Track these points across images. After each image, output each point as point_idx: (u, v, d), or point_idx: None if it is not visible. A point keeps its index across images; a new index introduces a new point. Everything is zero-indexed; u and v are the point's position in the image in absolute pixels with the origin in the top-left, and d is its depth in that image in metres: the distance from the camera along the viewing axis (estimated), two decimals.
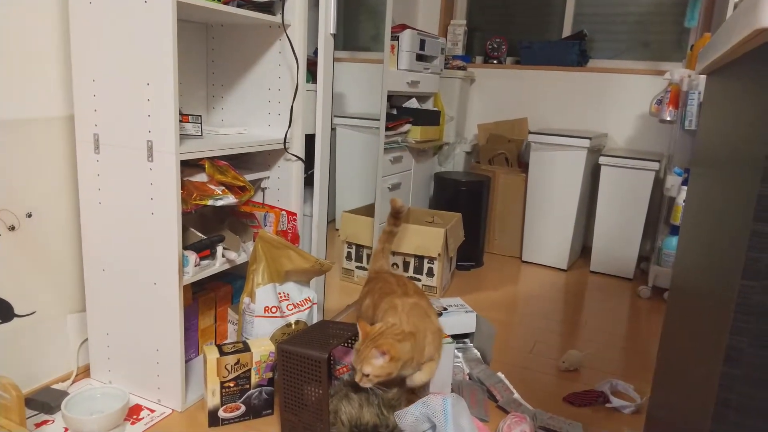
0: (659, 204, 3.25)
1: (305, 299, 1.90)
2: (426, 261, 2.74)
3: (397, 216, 2.10)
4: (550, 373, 2.10)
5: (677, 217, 2.80)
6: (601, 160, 3.13)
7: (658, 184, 3.24)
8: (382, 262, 2.07)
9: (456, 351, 2.07)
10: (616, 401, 1.87)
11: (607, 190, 3.16)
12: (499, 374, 1.98)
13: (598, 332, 2.49)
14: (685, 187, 2.76)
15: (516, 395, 1.89)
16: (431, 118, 3.35)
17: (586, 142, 3.11)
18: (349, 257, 2.84)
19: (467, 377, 1.96)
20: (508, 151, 3.52)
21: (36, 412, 1.66)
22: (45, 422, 1.63)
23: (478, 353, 2.08)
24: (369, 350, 1.45)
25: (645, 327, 2.58)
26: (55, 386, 1.78)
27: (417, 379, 1.58)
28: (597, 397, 1.90)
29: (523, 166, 3.49)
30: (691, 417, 0.90)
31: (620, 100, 3.51)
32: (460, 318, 2.07)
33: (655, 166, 3.01)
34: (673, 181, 2.79)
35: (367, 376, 1.45)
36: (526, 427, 1.61)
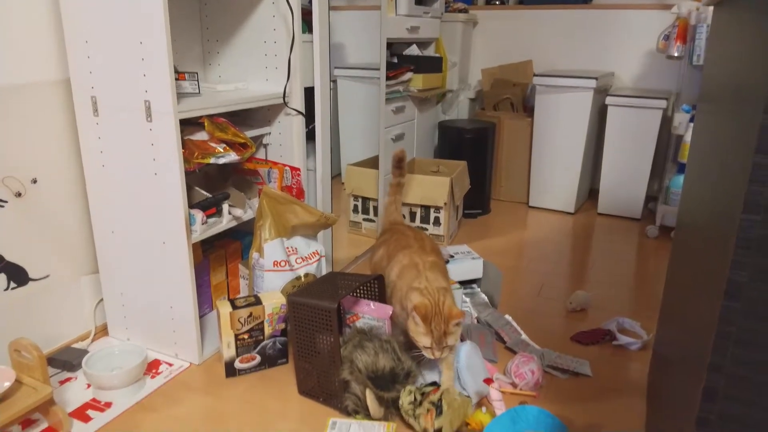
0: (667, 143, 3.20)
1: (313, 252, 1.92)
2: (432, 210, 2.75)
3: (399, 166, 2.09)
4: (558, 314, 2.13)
5: (685, 155, 2.76)
6: (608, 100, 3.07)
7: (666, 122, 3.18)
8: (395, 215, 2.09)
9: (464, 296, 2.10)
10: (622, 338, 1.90)
11: (614, 131, 3.12)
12: (507, 317, 2.01)
13: (605, 273, 2.51)
14: (693, 125, 2.72)
15: (524, 336, 1.92)
16: (433, 65, 3.28)
17: (593, 83, 3.04)
18: (355, 210, 2.85)
19: (476, 321, 2.00)
20: (513, 95, 3.46)
21: (59, 371, 1.73)
22: (68, 379, 1.70)
23: (486, 298, 2.11)
24: (446, 325, 1.47)
25: (652, 266, 2.59)
26: (75, 345, 1.84)
27: (446, 377, 1.59)
28: (604, 335, 1.94)
29: (529, 110, 3.43)
30: (693, 351, 0.92)
31: (626, 38, 3.41)
32: (466, 264, 2.10)
33: (663, 104, 2.95)
34: (680, 118, 2.75)
35: (450, 346, 1.49)
36: (534, 366, 1.65)
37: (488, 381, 1.48)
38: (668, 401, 1.14)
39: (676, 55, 2.79)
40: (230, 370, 1.71)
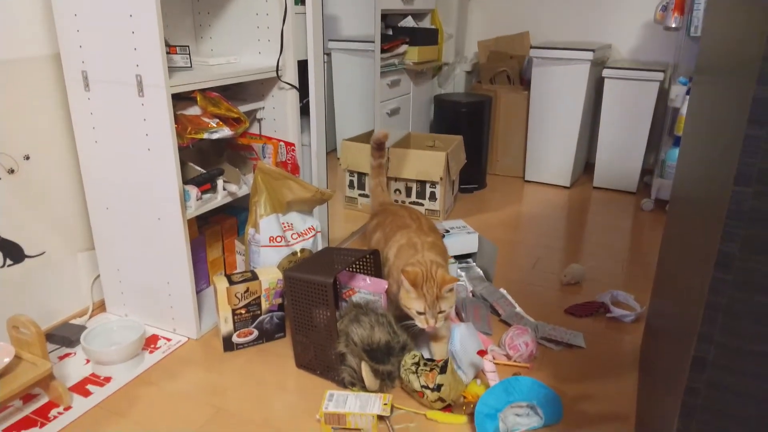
0: (663, 116, 3.19)
1: (309, 228, 1.93)
2: (428, 185, 2.75)
3: (380, 148, 2.05)
4: (552, 287, 2.15)
5: (681, 128, 2.75)
6: (605, 72, 3.04)
7: (663, 95, 3.16)
8: (382, 197, 2.05)
9: (459, 270, 2.11)
10: (616, 311, 1.93)
11: (611, 104, 3.10)
12: (502, 290, 2.03)
13: (600, 246, 2.52)
14: (689, 97, 2.70)
15: (518, 309, 1.94)
16: (429, 37, 3.24)
17: (590, 55, 3.01)
18: (351, 185, 2.84)
19: (471, 294, 2.01)
20: (510, 68, 3.42)
21: (58, 346, 1.74)
22: (67, 355, 1.71)
23: (481, 272, 2.12)
24: (439, 289, 1.46)
25: (647, 239, 2.61)
26: (73, 321, 1.85)
27: (436, 352, 1.62)
28: (598, 308, 1.96)
29: (526, 83, 3.40)
30: (684, 322, 0.93)
31: (624, 9, 3.37)
32: (462, 239, 2.10)
33: (660, 76, 2.93)
34: (677, 91, 2.73)
35: (443, 312, 1.49)
36: (528, 338, 1.67)
37: (482, 353, 1.50)
38: (659, 372, 1.16)
39: (673, 26, 2.76)
40: (228, 345, 1.72)
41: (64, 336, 1.74)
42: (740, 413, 0.78)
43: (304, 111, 2.07)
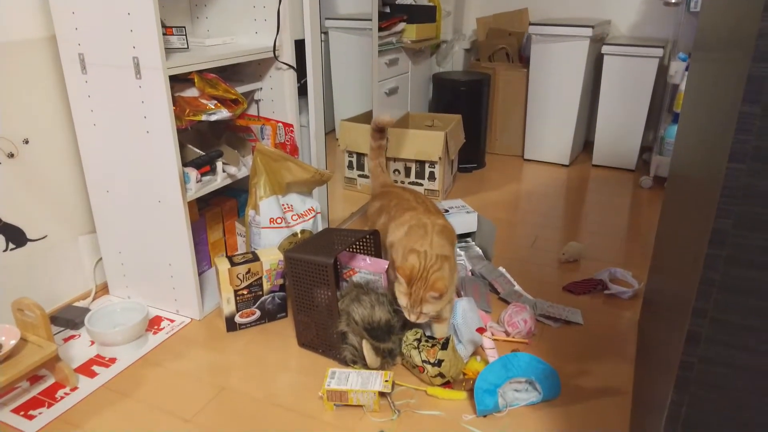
0: (663, 92, 3.18)
1: (308, 209, 1.93)
2: (427, 165, 2.75)
3: (380, 130, 2.03)
4: (551, 265, 2.17)
5: (680, 104, 2.75)
6: (604, 49, 3.02)
7: (663, 71, 3.15)
8: (383, 177, 2.03)
9: (458, 250, 2.13)
10: (614, 288, 1.95)
11: (610, 81, 3.08)
12: (501, 269, 2.05)
13: (598, 224, 2.53)
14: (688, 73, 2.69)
15: (517, 287, 1.96)
16: (427, 15, 3.21)
17: (589, 31, 2.99)
18: (350, 166, 2.85)
19: (470, 273, 2.03)
20: (509, 45, 3.40)
21: (62, 329, 1.76)
22: (72, 337, 1.73)
23: (480, 251, 2.14)
24: (425, 293, 1.47)
25: (645, 216, 2.62)
26: (77, 304, 1.87)
27: (437, 331, 1.63)
28: (596, 285, 1.98)
29: (525, 60, 3.38)
30: (680, 297, 0.94)
31: None
32: (461, 218, 2.11)
33: (659, 52, 2.91)
34: (676, 67, 2.71)
35: (426, 313, 1.50)
36: (527, 315, 1.69)
37: (481, 330, 1.52)
38: (656, 347, 1.18)
39: (673, 1, 2.74)
40: (231, 325, 1.74)
41: (68, 318, 1.76)
42: (733, 386, 0.79)
43: (302, 91, 2.06)
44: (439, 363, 1.45)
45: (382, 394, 1.43)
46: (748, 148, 0.68)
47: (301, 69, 2.01)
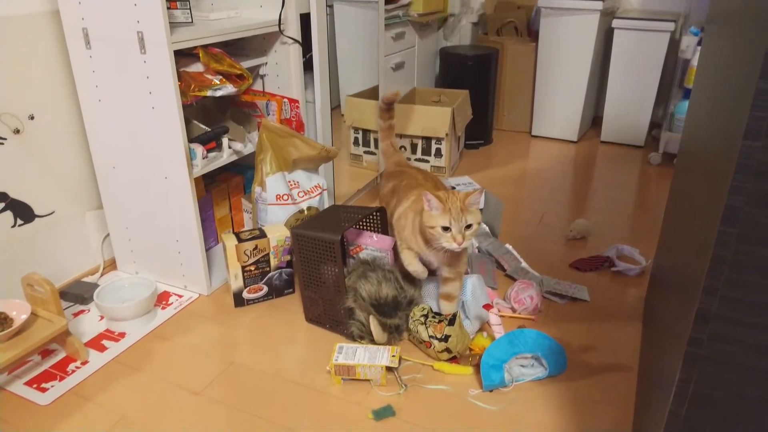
0: (674, 67, 3.12)
1: (315, 186, 1.93)
2: (434, 142, 2.73)
3: (389, 109, 1.98)
4: (558, 242, 2.16)
5: (691, 80, 2.70)
6: (615, 23, 2.97)
7: (674, 46, 3.09)
8: (396, 156, 1.97)
9: None
10: (621, 265, 1.94)
11: (620, 55, 3.03)
12: (507, 246, 2.05)
13: (606, 201, 2.52)
14: (700, 48, 2.64)
15: (523, 264, 1.96)
16: None
17: (599, 4, 2.93)
18: (356, 142, 2.83)
19: (476, 250, 2.03)
20: (518, 18, 3.34)
21: (71, 303, 1.78)
22: (81, 312, 1.75)
23: (487, 227, 2.13)
24: (464, 200, 1.39)
25: (654, 193, 2.60)
26: (85, 279, 1.89)
27: (445, 308, 1.62)
28: (603, 262, 1.98)
29: (533, 34, 3.33)
30: (689, 275, 0.94)
31: None
32: None
33: (671, 26, 2.85)
34: (688, 41, 2.66)
35: (470, 227, 1.41)
36: (533, 292, 1.69)
37: (487, 306, 1.52)
38: (663, 323, 1.18)
39: None
40: (239, 301, 1.76)
41: (77, 293, 1.78)
42: (741, 362, 0.79)
43: (307, 66, 2.04)
44: (446, 338, 1.46)
45: (389, 369, 1.45)
46: (764, 125, 0.67)
47: (306, 43, 1.99)
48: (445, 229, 1.40)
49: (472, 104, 3.05)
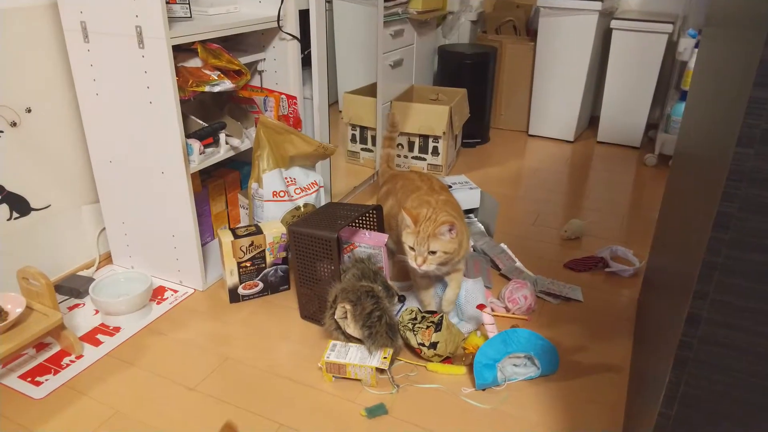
0: (671, 69, 3.13)
1: (312, 183, 1.93)
2: (431, 140, 2.73)
3: (393, 128, 2.02)
4: (552, 242, 2.17)
5: (688, 82, 2.71)
6: (613, 23, 2.97)
7: (671, 47, 3.10)
8: (391, 169, 1.99)
9: None
10: (615, 266, 1.95)
11: (618, 56, 3.04)
12: (502, 245, 2.06)
13: (601, 201, 2.53)
14: (698, 51, 2.65)
15: (518, 263, 1.97)
16: None
17: (598, 5, 2.94)
18: (353, 140, 2.83)
19: (472, 249, 2.04)
20: (517, 18, 3.34)
21: (66, 297, 1.78)
22: (76, 305, 1.75)
23: (482, 227, 2.14)
24: (435, 227, 1.42)
25: (648, 195, 2.62)
26: (80, 273, 1.89)
27: (448, 296, 1.62)
28: (597, 263, 1.99)
29: (532, 33, 3.33)
30: (681, 278, 0.95)
31: None
32: (464, 194, 2.11)
33: (669, 28, 2.86)
34: (686, 44, 2.67)
35: (434, 254, 1.44)
36: (527, 291, 1.70)
37: (481, 306, 1.53)
38: (654, 326, 1.19)
39: None
40: (234, 297, 1.76)
41: (73, 287, 1.78)
42: (730, 366, 0.80)
43: (306, 63, 2.04)
44: (434, 345, 1.47)
45: (380, 370, 1.45)
46: (757, 132, 0.68)
47: (305, 39, 1.99)
48: (411, 248, 1.47)
49: (470, 103, 3.06)
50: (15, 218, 1.70)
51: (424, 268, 1.46)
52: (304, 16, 1.96)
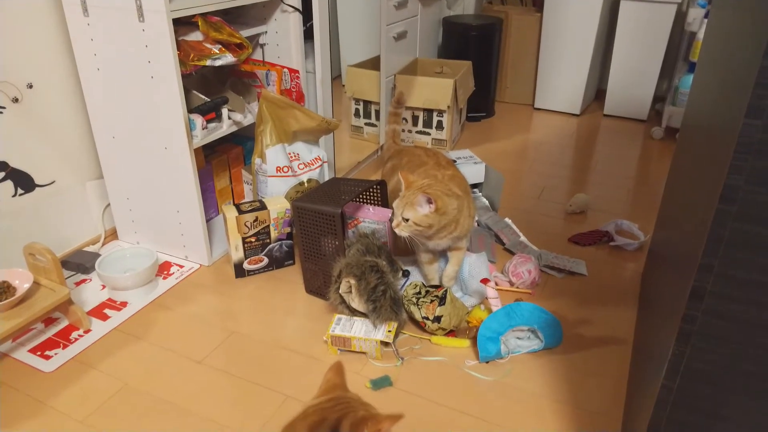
0: (679, 40, 3.08)
1: (315, 158, 1.92)
2: (435, 114, 2.71)
3: (399, 105, 1.97)
4: (557, 216, 2.17)
5: (696, 53, 2.66)
6: None
7: (680, 18, 3.04)
8: (396, 144, 1.95)
9: None
10: (620, 239, 1.95)
11: (626, 27, 2.98)
12: (507, 220, 2.05)
13: (607, 175, 2.51)
14: (707, 21, 2.60)
15: (522, 238, 1.97)
16: None
17: None
18: (357, 114, 2.81)
19: (476, 224, 2.04)
20: None
21: (73, 273, 1.80)
22: (83, 281, 1.77)
23: (487, 201, 2.14)
24: (415, 196, 1.42)
25: (655, 168, 2.60)
26: (86, 249, 1.90)
27: (448, 271, 1.62)
28: (602, 237, 1.98)
29: (539, 4, 3.27)
30: (686, 251, 0.95)
31: None
32: (468, 169, 2.10)
33: None
34: (695, 14, 2.62)
35: (407, 221, 1.44)
36: (531, 266, 1.70)
37: (485, 281, 1.53)
38: (658, 299, 1.19)
39: None
40: (239, 271, 1.77)
41: (79, 263, 1.79)
42: (733, 338, 0.81)
43: (308, 35, 2.01)
44: (438, 319, 1.47)
45: (385, 344, 1.46)
46: (766, 103, 0.66)
47: (306, 12, 1.96)
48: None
49: (475, 75, 3.02)
50: (20, 194, 1.70)
51: (397, 231, 1.48)
52: None
